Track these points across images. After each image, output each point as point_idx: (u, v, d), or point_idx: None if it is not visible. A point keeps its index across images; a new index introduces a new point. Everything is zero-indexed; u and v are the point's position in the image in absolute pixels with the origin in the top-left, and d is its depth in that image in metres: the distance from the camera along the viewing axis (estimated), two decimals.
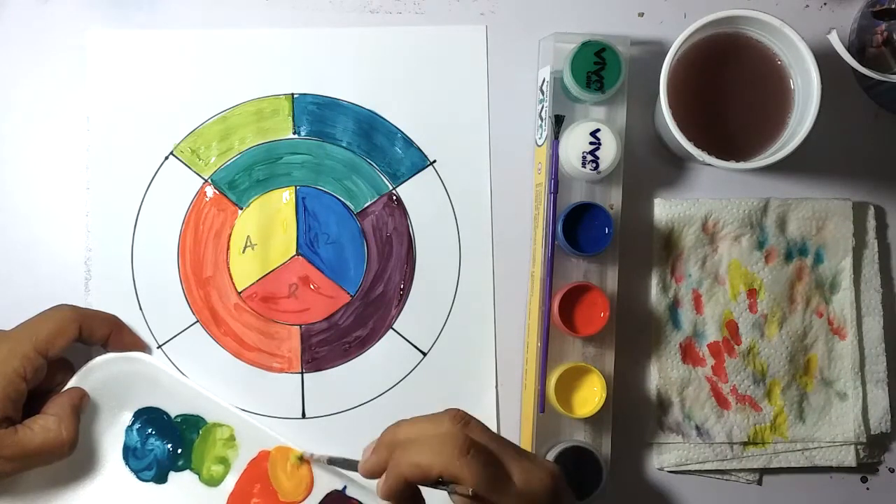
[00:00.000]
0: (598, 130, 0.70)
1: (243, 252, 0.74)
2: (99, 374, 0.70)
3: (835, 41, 0.69)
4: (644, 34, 0.75)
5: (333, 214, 0.75)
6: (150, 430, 0.72)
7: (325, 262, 0.74)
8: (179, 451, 0.72)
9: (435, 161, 0.75)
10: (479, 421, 0.58)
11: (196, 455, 0.72)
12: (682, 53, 0.69)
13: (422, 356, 0.74)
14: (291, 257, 0.74)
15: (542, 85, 0.74)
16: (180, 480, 0.72)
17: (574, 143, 0.70)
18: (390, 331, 0.74)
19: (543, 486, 0.57)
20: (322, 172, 0.75)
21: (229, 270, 0.74)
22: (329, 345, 0.74)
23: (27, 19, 0.74)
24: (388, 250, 0.75)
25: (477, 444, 0.56)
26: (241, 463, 0.72)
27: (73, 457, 0.70)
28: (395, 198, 0.75)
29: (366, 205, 0.75)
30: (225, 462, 0.72)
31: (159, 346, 0.74)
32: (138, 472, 0.72)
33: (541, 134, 0.74)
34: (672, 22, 0.75)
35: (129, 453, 0.72)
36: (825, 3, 0.76)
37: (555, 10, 0.75)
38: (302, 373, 0.74)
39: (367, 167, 0.75)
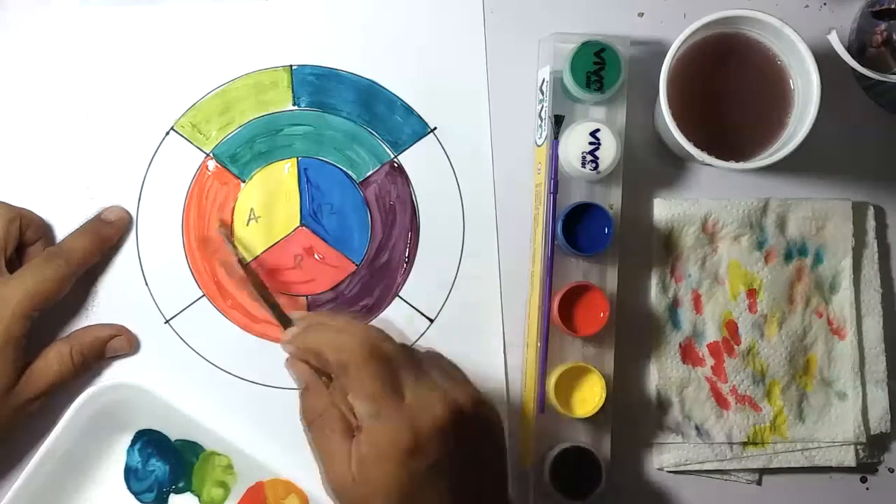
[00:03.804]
0: (597, 130, 0.70)
1: (247, 225, 0.74)
2: (94, 403, 0.70)
3: (834, 41, 0.69)
4: (644, 34, 0.75)
5: (336, 184, 0.75)
6: (150, 451, 0.72)
7: (329, 232, 0.74)
8: (180, 472, 0.72)
9: (436, 128, 0.75)
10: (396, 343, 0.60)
11: (196, 478, 0.72)
12: (682, 53, 0.69)
13: (429, 322, 0.74)
14: (295, 228, 0.74)
15: (542, 85, 0.74)
16: (181, 503, 0.72)
17: (574, 143, 0.70)
18: (397, 298, 0.74)
19: (431, 414, 0.57)
20: (323, 143, 0.75)
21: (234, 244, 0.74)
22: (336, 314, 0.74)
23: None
24: (392, 218, 0.75)
25: (384, 354, 0.59)
26: (240, 488, 0.72)
27: (72, 480, 0.71)
28: (396, 166, 0.75)
29: (368, 174, 0.75)
30: (224, 486, 0.72)
31: (167, 322, 0.74)
32: (139, 495, 0.72)
33: (540, 134, 0.74)
34: (672, 22, 0.75)
35: (131, 475, 0.72)
36: (825, 3, 0.76)
37: (555, 10, 0.75)
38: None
39: (368, 136, 0.75)
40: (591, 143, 0.70)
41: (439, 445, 0.57)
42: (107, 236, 0.72)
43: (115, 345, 0.72)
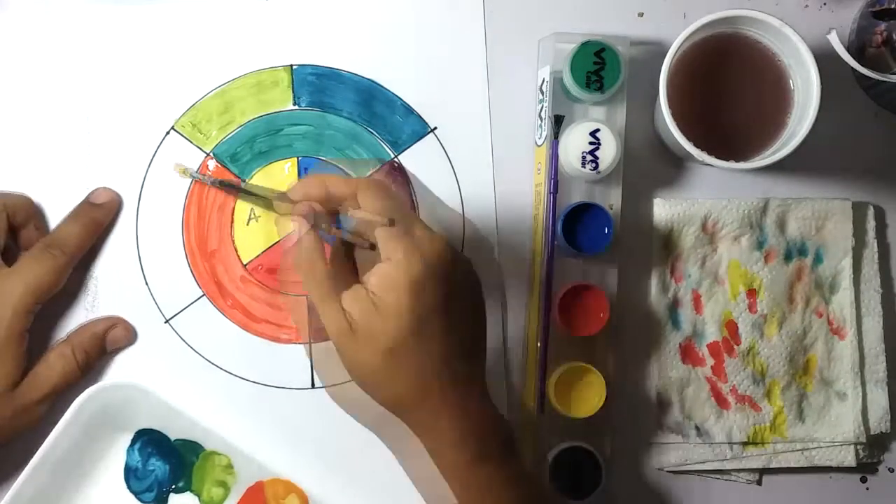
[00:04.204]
0: (597, 130, 0.70)
1: (248, 224, 0.74)
2: (94, 404, 0.70)
3: (834, 41, 0.69)
4: (644, 34, 0.75)
5: None
6: (150, 450, 0.72)
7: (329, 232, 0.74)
8: (180, 472, 0.72)
9: (436, 128, 0.75)
10: None
11: (196, 477, 0.72)
12: (682, 53, 0.69)
13: None
14: None
15: (542, 85, 0.74)
16: (181, 503, 0.72)
17: (574, 143, 0.71)
18: None
19: (438, 248, 0.60)
20: (323, 143, 0.75)
21: (234, 243, 0.74)
22: None
23: None
24: None
25: (389, 185, 0.63)
26: (240, 487, 0.72)
27: (72, 480, 0.71)
28: (397, 165, 0.75)
29: (368, 173, 0.75)
30: (224, 486, 0.72)
31: (167, 321, 0.74)
32: (139, 494, 0.72)
33: (540, 134, 0.74)
34: (672, 22, 0.75)
35: (131, 474, 0.72)
36: (825, 3, 0.76)
37: (555, 10, 0.75)
38: (310, 343, 0.74)
39: (368, 136, 0.75)
40: (591, 143, 0.70)
41: (445, 281, 0.60)
42: (98, 219, 0.72)
43: (113, 336, 0.72)
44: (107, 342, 0.72)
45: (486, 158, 0.75)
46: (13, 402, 0.68)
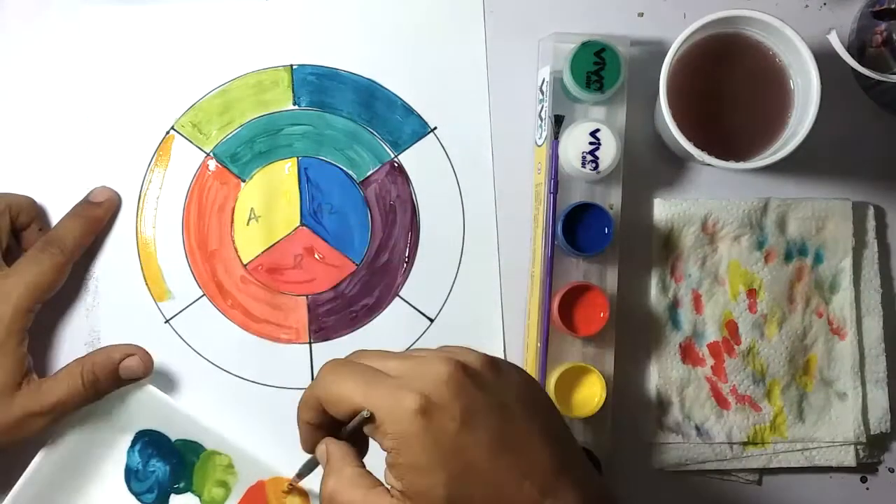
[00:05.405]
0: (597, 130, 0.70)
1: (248, 224, 0.74)
2: (94, 404, 0.69)
3: (834, 41, 0.69)
4: (644, 34, 0.75)
5: (336, 184, 0.75)
6: (151, 451, 0.72)
7: (329, 232, 0.75)
8: (181, 472, 0.72)
9: (436, 128, 0.75)
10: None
11: (197, 477, 0.72)
12: (682, 53, 0.69)
13: (429, 322, 0.74)
14: (295, 228, 0.74)
15: (542, 85, 0.74)
16: (182, 503, 0.73)
17: (574, 143, 0.71)
18: (397, 298, 0.74)
19: (432, 371, 0.52)
20: (323, 143, 0.75)
21: (234, 243, 0.75)
22: (336, 314, 0.74)
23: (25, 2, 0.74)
24: (392, 218, 0.75)
25: (342, 360, 0.56)
26: (241, 487, 0.72)
27: (73, 480, 0.71)
28: (397, 165, 0.75)
29: (368, 173, 0.75)
30: (225, 486, 0.72)
31: (167, 321, 0.74)
32: (140, 496, 0.72)
33: (540, 134, 0.74)
34: (672, 22, 0.75)
35: (132, 475, 0.72)
36: (825, 3, 0.76)
37: (555, 10, 0.75)
38: (310, 343, 0.74)
39: (368, 136, 0.75)
40: (591, 143, 0.70)
41: (456, 397, 0.51)
42: (97, 217, 0.72)
43: (128, 364, 0.70)
44: (121, 369, 0.70)
45: (486, 158, 0.75)
46: (12, 410, 0.67)
